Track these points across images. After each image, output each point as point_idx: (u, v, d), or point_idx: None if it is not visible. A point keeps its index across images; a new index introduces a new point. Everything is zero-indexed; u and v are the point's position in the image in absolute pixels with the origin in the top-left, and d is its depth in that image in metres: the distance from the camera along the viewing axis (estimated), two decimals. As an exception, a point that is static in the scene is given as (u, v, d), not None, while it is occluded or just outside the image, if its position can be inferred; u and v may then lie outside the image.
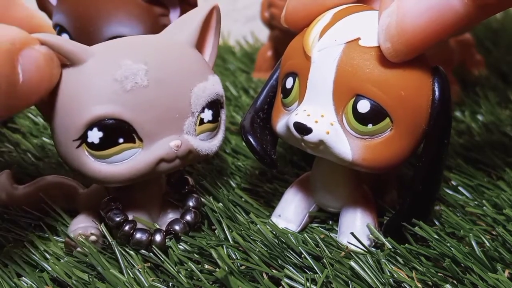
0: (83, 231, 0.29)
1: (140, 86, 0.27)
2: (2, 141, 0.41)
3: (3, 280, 0.28)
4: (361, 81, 0.26)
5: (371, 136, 0.27)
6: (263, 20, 0.53)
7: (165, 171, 0.28)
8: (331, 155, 0.27)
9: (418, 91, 0.27)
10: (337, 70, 0.26)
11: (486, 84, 0.48)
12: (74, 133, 0.26)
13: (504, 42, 0.56)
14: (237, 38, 0.62)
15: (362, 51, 0.26)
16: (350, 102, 0.26)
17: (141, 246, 0.29)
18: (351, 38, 0.27)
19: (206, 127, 0.29)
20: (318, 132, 0.27)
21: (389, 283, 0.27)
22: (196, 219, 0.30)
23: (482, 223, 0.31)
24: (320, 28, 0.27)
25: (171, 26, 0.30)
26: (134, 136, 0.27)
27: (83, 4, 0.35)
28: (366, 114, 0.26)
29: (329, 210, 0.32)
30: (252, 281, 0.27)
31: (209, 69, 0.30)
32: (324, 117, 0.27)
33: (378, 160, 0.27)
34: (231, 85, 0.49)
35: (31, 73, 0.25)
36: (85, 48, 0.27)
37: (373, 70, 0.26)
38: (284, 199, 0.32)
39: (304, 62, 0.27)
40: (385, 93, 0.26)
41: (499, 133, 0.40)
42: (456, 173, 0.36)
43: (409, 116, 0.27)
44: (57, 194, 0.32)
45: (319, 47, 0.27)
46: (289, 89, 0.28)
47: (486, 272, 0.27)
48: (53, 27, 0.37)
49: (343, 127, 0.27)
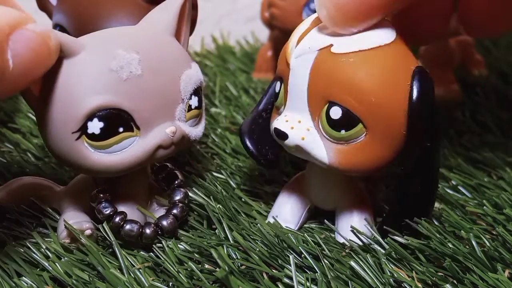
0: (78, 226, 0.29)
1: (135, 75, 0.27)
2: (2, 141, 0.40)
3: (3, 279, 0.28)
4: (332, 88, 0.26)
5: (346, 141, 0.27)
6: (263, 20, 0.53)
7: (162, 157, 0.29)
8: (310, 158, 0.28)
9: (391, 96, 0.26)
10: (310, 77, 0.27)
11: (486, 84, 0.48)
12: (73, 125, 0.26)
13: (504, 42, 0.56)
14: (237, 38, 0.62)
15: (333, 58, 0.26)
16: (324, 109, 0.27)
17: (131, 237, 0.29)
18: (323, 45, 0.27)
19: (193, 113, 0.30)
20: (293, 138, 0.27)
21: (389, 283, 0.27)
22: (183, 212, 0.31)
23: (482, 223, 0.31)
24: (299, 34, 0.28)
25: (149, 16, 0.31)
26: (132, 124, 0.27)
27: (83, 4, 0.35)
28: (338, 121, 0.26)
29: (325, 208, 0.32)
30: (252, 281, 0.27)
31: (189, 57, 0.31)
32: (301, 123, 0.27)
33: (354, 164, 0.27)
34: (231, 85, 0.49)
35: (23, 57, 0.24)
36: (76, 39, 0.27)
37: (343, 77, 0.26)
38: (280, 200, 0.32)
39: (286, 68, 0.28)
40: (355, 100, 0.26)
41: (499, 133, 0.40)
42: (457, 172, 0.36)
43: (383, 121, 0.26)
44: (31, 195, 0.32)
45: (296, 54, 0.27)
46: (277, 93, 0.29)
47: (486, 272, 0.27)
48: (53, 27, 0.37)
49: (320, 132, 0.27)
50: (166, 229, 0.30)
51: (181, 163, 0.37)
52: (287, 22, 0.47)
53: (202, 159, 0.38)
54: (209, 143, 0.40)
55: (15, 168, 0.37)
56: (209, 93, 0.48)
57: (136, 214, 0.30)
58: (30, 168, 0.37)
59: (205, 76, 0.52)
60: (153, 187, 0.32)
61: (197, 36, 0.46)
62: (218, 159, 0.38)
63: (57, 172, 0.36)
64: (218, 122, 0.43)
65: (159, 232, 0.30)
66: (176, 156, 0.37)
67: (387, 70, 0.26)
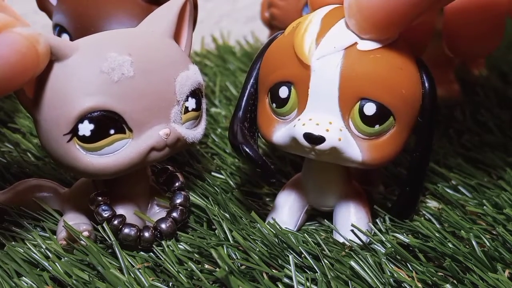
0: (76, 228, 0.29)
1: (127, 77, 0.27)
2: (2, 141, 0.40)
3: (3, 279, 0.28)
4: (365, 84, 0.27)
5: (377, 136, 0.28)
6: (263, 20, 0.53)
7: (156, 160, 0.29)
8: (340, 159, 0.28)
9: (414, 86, 0.28)
10: (340, 77, 0.27)
11: (486, 84, 0.48)
12: (65, 127, 0.27)
13: (504, 42, 0.56)
14: (237, 38, 0.62)
15: (361, 55, 0.27)
16: (356, 106, 0.27)
17: (129, 241, 0.29)
18: (349, 43, 0.27)
19: (190, 115, 0.30)
20: (331, 140, 0.27)
21: (389, 283, 0.27)
22: (183, 216, 0.30)
23: (482, 223, 0.31)
24: (314, 35, 0.27)
25: (148, 18, 0.31)
26: (124, 126, 0.27)
27: (83, 4, 0.35)
28: (372, 116, 0.27)
29: (323, 209, 0.32)
30: (252, 281, 0.27)
31: (188, 59, 0.30)
32: (332, 124, 0.27)
33: (385, 157, 0.28)
34: (231, 85, 0.48)
35: (8, 59, 0.24)
36: (68, 42, 0.27)
37: (374, 72, 0.27)
38: (277, 202, 0.32)
39: (301, 71, 0.27)
40: (388, 94, 0.27)
41: (499, 133, 0.40)
42: (457, 172, 0.36)
43: (409, 112, 0.28)
44: (36, 197, 0.32)
45: (318, 55, 0.27)
46: (284, 98, 0.28)
47: (486, 272, 0.27)
48: (53, 27, 0.37)
49: (351, 131, 0.27)
50: (165, 232, 0.30)
51: (180, 163, 0.37)
52: (287, 22, 0.46)
53: (202, 159, 0.38)
54: (209, 143, 0.39)
55: (15, 168, 0.37)
56: (209, 93, 0.48)
57: (135, 216, 0.30)
58: (30, 168, 0.37)
59: (205, 76, 0.52)
60: (154, 190, 0.32)
61: (197, 36, 0.46)
62: (218, 159, 0.38)
63: (57, 172, 0.36)
64: (218, 122, 0.43)
65: (157, 235, 0.30)
66: (176, 156, 0.37)
67: (407, 63, 0.28)
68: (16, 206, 0.32)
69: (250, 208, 0.33)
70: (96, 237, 0.30)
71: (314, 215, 0.33)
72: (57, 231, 0.30)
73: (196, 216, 0.32)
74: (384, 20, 0.26)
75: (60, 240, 0.30)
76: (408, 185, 0.30)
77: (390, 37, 0.27)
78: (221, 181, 0.36)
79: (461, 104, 0.45)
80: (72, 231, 0.29)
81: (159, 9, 0.31)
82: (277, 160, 0.38)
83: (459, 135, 0.40)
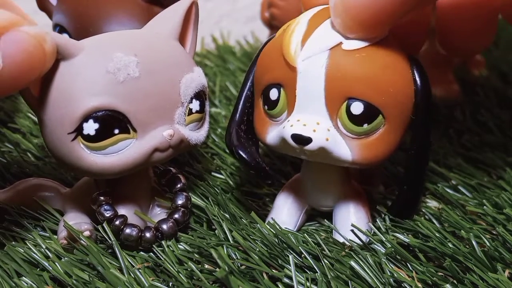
0: (77, 227, 0.29)
1: (132, 78, 0.27)
2: (2, 141, 0.40)
3: (3, 279, 0.28)
4: (351, 84, 0.27)
5: (367, 134, 0.27)
6: (263, 20, 0.53)
7: (159, 160, 0.29)
8: (330, 159, 0.28)
9: (404, 83, 0.28)
10: (326, 77, 0.27)
11: (486, 84, 0.48)
12: (69, 126, 0.27)
13: (504, 42, 0.56)
14: (237, 38, 0.62)
15: (346, 55, 0.27)
16: (343, 106, 0.27)
17: (131, 241, 0.29)
18: (334, 43, 0.27)
19: (194, 117, 0.30)
20: (318, 140, 0.27)
21: (389, 283, 0.27)
22: (185, 217, 0.30)
23: (482, 223, 0.31)
24: (300, 36, 0.27)
25: (154, 20, 0.31)
26: (128, 126, 0.27)
27: (83, 4, 0.35)
28: (360, 115, 0.27)
29: (322, 209, 0.32)
30: (252, 281, 0.27)
31: (193, 61, 0.31)
32: (320, 124, 0.27)
33: (378, 155, 0.28)
34: (231, 85, 0.49)
35: (15, 57, 0.24)
36: (75, 42, 0.27)
37: (360, 71, 0.27)
38: (277, 203, 0.32)
39: (288, 72, 0.27)
40: (375, 92, 0.27)
41: (499, 133, 0.40)
42: (457, 172, 0.36)
43: (399, 109, 0.28)
44: (37, 196, 0.32)
45: (303, 56, 0.27)
46: (274, 100, 0.28)
47: (486, 272, 0.27)
48: (53, 27, 0.37)
49: (339, 131, 0.27)
50: (166, 233, 0.30)
51: (181, 163, 0.37)
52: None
53: (202, 159, 0.38)
54: (209, 143, 0.39)
55: (15, 168, 0.37)
56: (209, 93, 0.48)
57: (136, 217, 0.30)
58: (30, 168, 0.37)
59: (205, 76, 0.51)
60: (156, 191, 0.32)
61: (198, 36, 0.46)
62: (218, 159, 0.38)
63: (57, 172, 0.36)
64: (218, 122, 0.43)
65: (159, 236, 0.30)
66: (176, 156, 0.37)
67: (396, 61, 0.28)
68: (17, 205, 0.32)
69: (250, 208, 0.33)
70: (96, 237, 0.30)
71: (314, 215, 0.33)
72: (58, 230, 0.30)
73: (196, 216, 0.32)
74: (370, 19, 0.26)
75: (61, 239, 0.30)
76: (406, 183, 0.30)
77: (378, 35, 0.27)
78: (221, 181, 0.36)
79: (461, 104, 0.45)
80: (72, 231, 0.29)
81: (165, 10, 0.31)
82: (277, 160, 0.38)
83: (459, 135, 0.40)
